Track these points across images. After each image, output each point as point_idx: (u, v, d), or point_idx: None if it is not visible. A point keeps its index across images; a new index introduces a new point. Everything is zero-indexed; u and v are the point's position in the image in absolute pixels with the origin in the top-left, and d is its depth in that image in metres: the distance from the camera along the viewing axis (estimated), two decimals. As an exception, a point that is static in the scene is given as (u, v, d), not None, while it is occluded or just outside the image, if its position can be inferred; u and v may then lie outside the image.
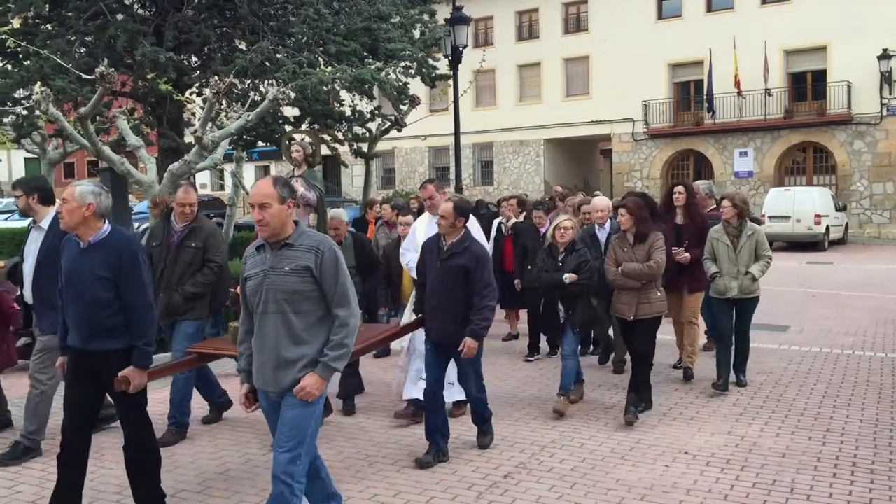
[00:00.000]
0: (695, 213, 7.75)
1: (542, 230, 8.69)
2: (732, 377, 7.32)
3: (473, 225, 6.07)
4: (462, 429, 6.00)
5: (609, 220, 7.71)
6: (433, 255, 5.52)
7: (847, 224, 25.47)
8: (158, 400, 6.18)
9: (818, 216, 22.54)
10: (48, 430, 5.60)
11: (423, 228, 6.63)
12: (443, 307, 5.43)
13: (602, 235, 7.65)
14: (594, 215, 7.75)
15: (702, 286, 7.59)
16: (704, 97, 28.95)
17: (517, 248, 9.10)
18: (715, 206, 8.52)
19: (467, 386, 5.70)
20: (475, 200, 14.87)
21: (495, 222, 9.87)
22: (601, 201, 7.95)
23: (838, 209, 24.43)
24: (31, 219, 5.78)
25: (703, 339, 8.51)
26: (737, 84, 27.83)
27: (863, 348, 9.03)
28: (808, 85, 28.43)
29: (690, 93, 30.60)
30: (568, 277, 6.42)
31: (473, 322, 5.31)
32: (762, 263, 7.16)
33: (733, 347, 7.29)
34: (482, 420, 5.76)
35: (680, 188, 7.82)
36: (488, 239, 8.77)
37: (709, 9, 29.70)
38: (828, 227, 22.91)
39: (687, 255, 7.42)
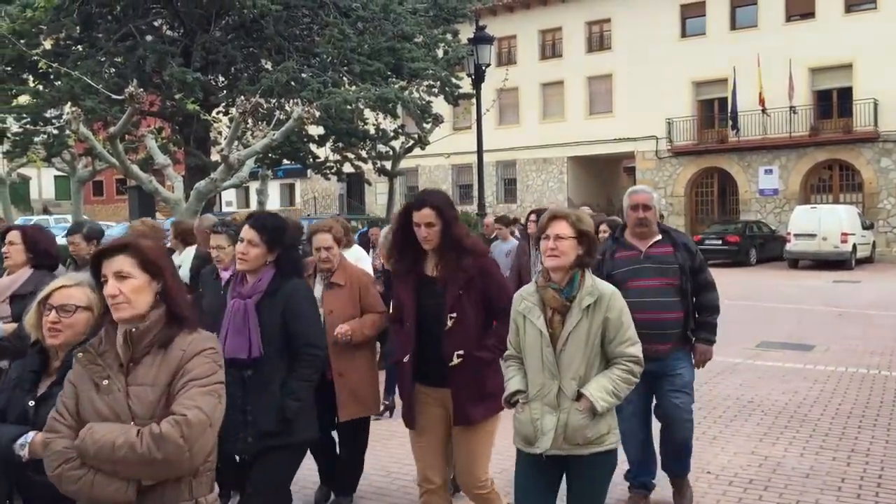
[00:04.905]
0: (461, 252, 3.60)
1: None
2: None
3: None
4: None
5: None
6: None
7: (874, 242, 25.24)
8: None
9: (845, 234, 22.37)
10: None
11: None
12: None
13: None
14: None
15: (497, 405, 3.62)
16: (728, 115, 28.85)
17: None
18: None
19: None
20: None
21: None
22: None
23: (865, 227, 24.21)
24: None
25: None
26: (761, 101, 27.69)
27: (889, 368, 8.93)
28: (833, 102, 28.23)
29: (714, 110, 30.50)
30: None
31: None
32: (618, 373, 3.17)
33: None
34: None
35: (426, 213, 3.57)
36: None
37: (733, 26, 29.65)
38: (854, 246, 22.73)
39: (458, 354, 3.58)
